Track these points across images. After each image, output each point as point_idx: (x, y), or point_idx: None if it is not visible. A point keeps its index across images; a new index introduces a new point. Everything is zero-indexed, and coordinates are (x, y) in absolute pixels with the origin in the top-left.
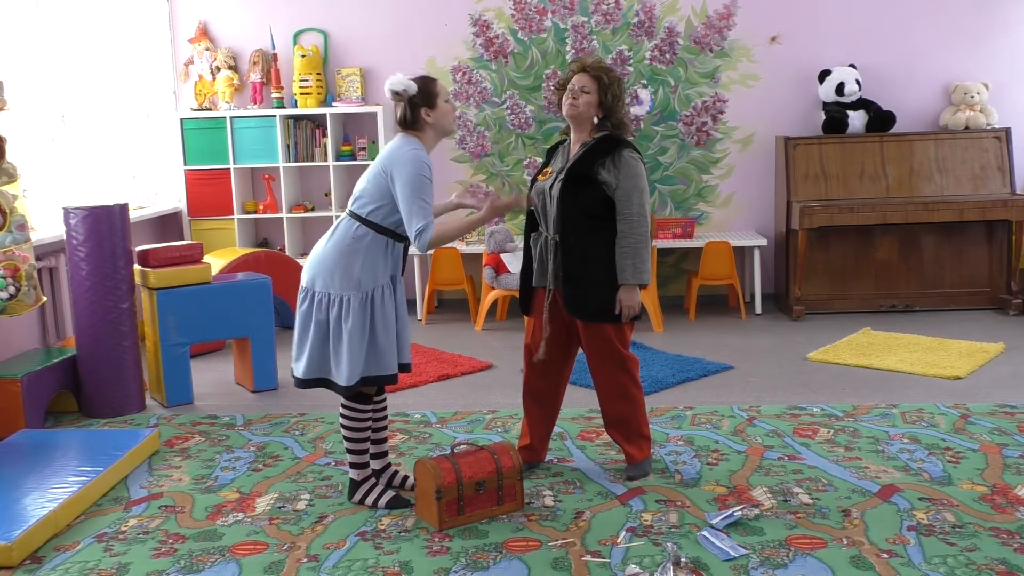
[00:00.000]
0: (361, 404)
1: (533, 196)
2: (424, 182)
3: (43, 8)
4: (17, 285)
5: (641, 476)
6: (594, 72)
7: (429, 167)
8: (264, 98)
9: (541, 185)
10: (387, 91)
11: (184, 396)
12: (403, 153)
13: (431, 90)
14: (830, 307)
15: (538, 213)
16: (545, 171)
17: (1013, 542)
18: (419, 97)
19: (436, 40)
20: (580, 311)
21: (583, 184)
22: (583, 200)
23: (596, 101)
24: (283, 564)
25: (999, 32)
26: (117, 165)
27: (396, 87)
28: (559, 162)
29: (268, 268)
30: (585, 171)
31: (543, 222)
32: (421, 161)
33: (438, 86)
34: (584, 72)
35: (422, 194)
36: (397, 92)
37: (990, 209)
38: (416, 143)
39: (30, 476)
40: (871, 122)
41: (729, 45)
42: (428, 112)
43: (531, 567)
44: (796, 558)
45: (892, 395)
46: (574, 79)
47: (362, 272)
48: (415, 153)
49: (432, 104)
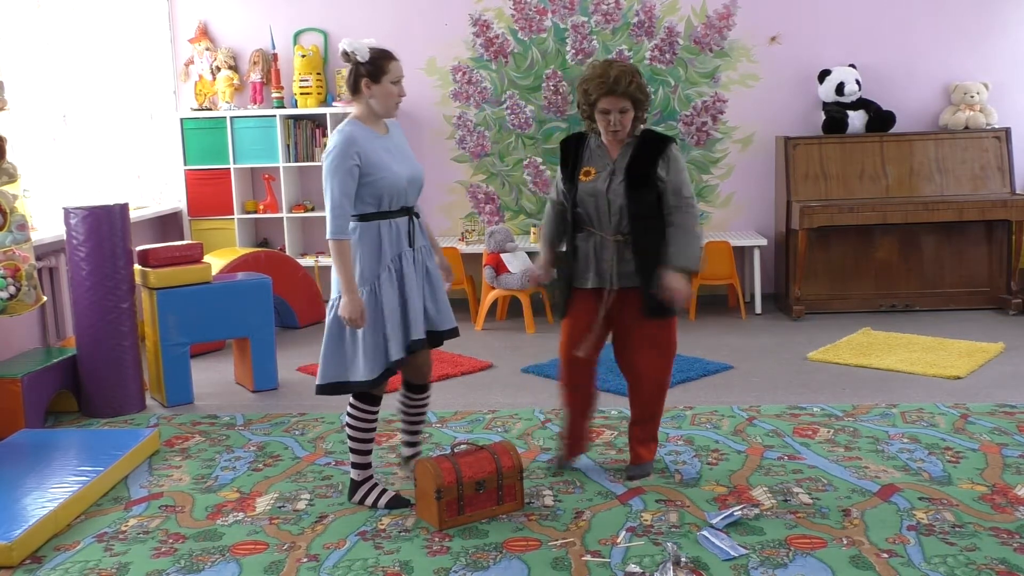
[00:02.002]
0: (366, 404)
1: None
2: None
3: (44, 8)
4: (17, 285)
5: (642, 477)
6: (626, 94)
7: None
8: (264, 98)
9: (590, 186)
10: (339, 49)
11: (184, 396)
12: (329, 141)
13: (380, 65)
14: (830, 307)
15: (586, 214)
16: (588, 171)
17: (1013, 542)
18: (365, 67)
19: (436, 40)
20: (655, 310)
21: (642, 183)
22: (645, 199)
23: (634, 114)
24: (283, 564)
25: (999, 32)
26: (118, 165)
27: (347, 47)
28: (598, 160)
29: (268, 268)
30: (646, 171)
31: (594, 223)
32: (342, 140)
33: (391, 65)
34: (615, 96)
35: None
36: (347, 53)
37: (990, 209)
38: (347, 123)
39: (30, 476)
40: (871, 122)
41: (729, 45)
42: (368, 84)
43: (531, 567)
44: (796, 558)
45: (892, 395)
46: (605, 102)
47: (364, 265)
48: (337, 142)
49: (375, 78)
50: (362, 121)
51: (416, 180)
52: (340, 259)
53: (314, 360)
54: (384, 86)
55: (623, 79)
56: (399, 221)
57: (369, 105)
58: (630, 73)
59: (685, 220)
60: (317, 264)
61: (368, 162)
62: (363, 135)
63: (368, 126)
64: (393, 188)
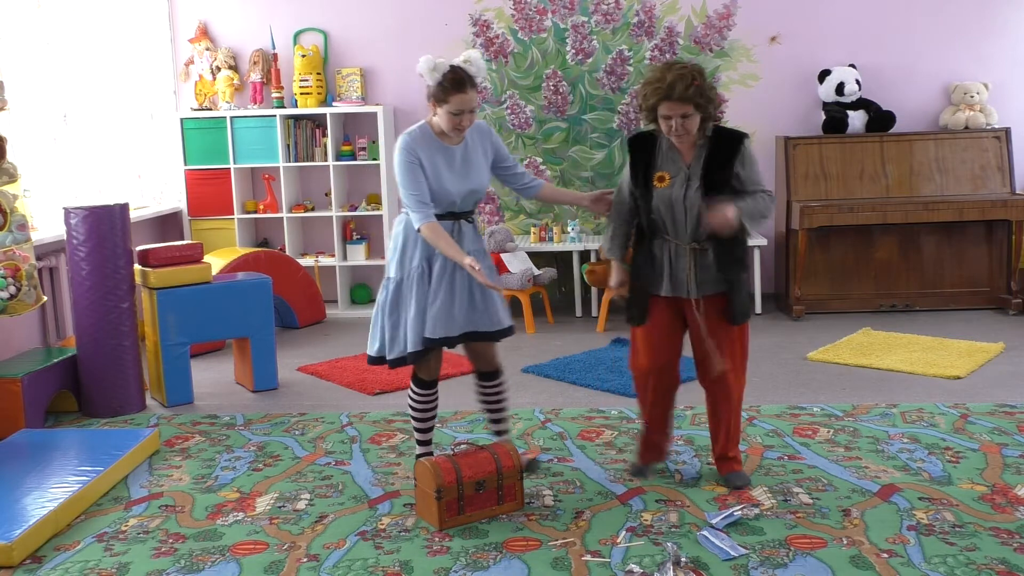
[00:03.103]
0: (418, 387)
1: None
2: (404, 171)
3: (44, 8)
4: (17, 285)
5: (747, 484)
6: (684, 99)
7: (408, 150)
8: (264, 98)
9: (666, 194)
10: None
11: (184, 396)
12: (398, 140)
13: (443, 95)
14: (830, 307)
15: (661, 221)
16: (662, 176)
17: (1013, 542)
18: (432, 88)
19: (436, 40)
20: (739, 316)
21: (720, 188)
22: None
23: (699, 118)
24: (283, 564)
25: (999, 32)
26: (118, 165)
27: (420, 68)
28: (671, 164)
29: (268, 268)
30: (724, 175)
31: (669, 230)
32: (401, 148)
33: (454, 97)
34: (672, 102)
35: (408, 184)
36: (421, 74)
37: (990, 209)
38: (418, 126)
39: (30, 476)
40: (871, 122)
41: (729, 45)
42: (433, 104)
43: (531, 567)
44: (796, 558)
45: (892, 395)
46: (664, 108)
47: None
48: (400, 143)
49: (439, 103)
50: (432, 128)
51: (473, 193)
52: (436, 239)
53: (313, 360)
54: (442, 114)
55: (679, 84)
56: (443, 224)
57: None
58: (689, 77)
59: (761, 193)
60: (317, 264)
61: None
62: (425, 143)
63: (435, 134)
64: (440, 198)
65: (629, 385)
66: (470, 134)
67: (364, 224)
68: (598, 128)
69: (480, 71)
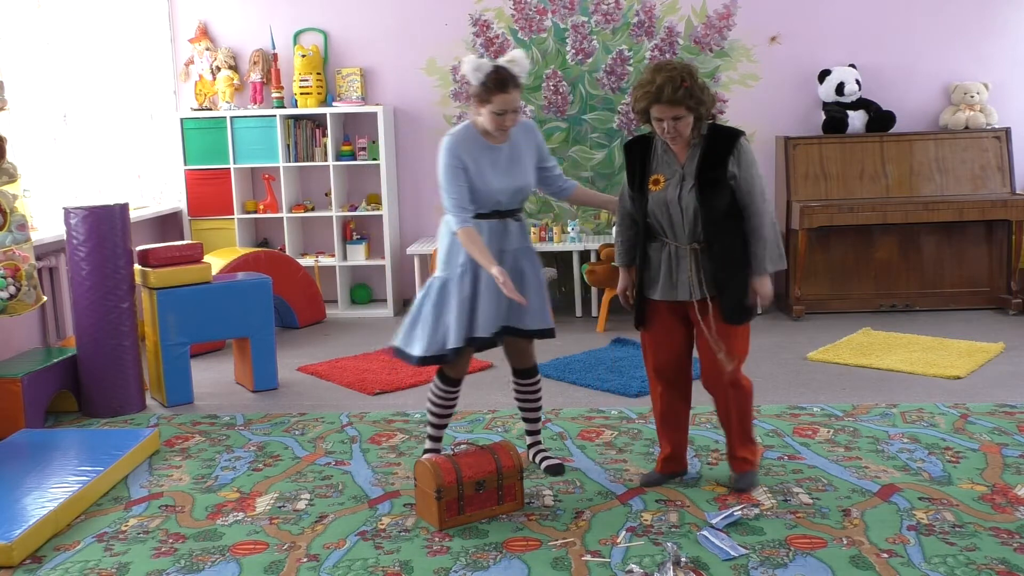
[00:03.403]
0: (442, 383)
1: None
2: (446, 173)
3: (44, 8)
4: (17, 285)
5: (751, 487)
6: (674, 101)
7: (451, 152)
8: (264, 98)
9: (661, 196)
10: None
11: (184, 396)
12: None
13: (486, 95)
14: (830, 307)
15: (658, 224)
16: (657, 179)
17: (1013, 542)
18: (475, 88)
19: (436, 40)
20: (734, 316)
21: (714, 186)
22: (719, 202)
23: (692, 119)
24: (283, 564)
25: (999, 32)
26: (118, 165)
27: (464, 68)
28: (666, 167)
29: (268, 268)
30: (718, 173)
31: (667, 233)
32: (444, 149)
33: (497, 98)
34: (663, 105)
35: (448, 186)
36: (464, 74)
37: (990, 209)
38: (463, 125)
39: (30, 476)
40: (871, 122)
41: (729, 45)
42: (476, 104)
43: (531, 567)
44: (796, 558)
45: (892, 395)
46: (655, 111)
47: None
48: (443, 144)
49: (482, 103)
50: (476, 127)
51: (519, 192)
52: (470, 244)
53: (313, 360)
54: (486, 114)
55: (668, 87)
56: (489, 223)
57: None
58: (679, 78)
59: (760, 221)
60: (317, 264)
61: (467, 169)
62: (469, 143)
63: (480, 133)
64: (485, 197)
65: (629, 385)
66: (516, 132)
67: (364, 224)
68: (598, 128)
69: (524, 70)
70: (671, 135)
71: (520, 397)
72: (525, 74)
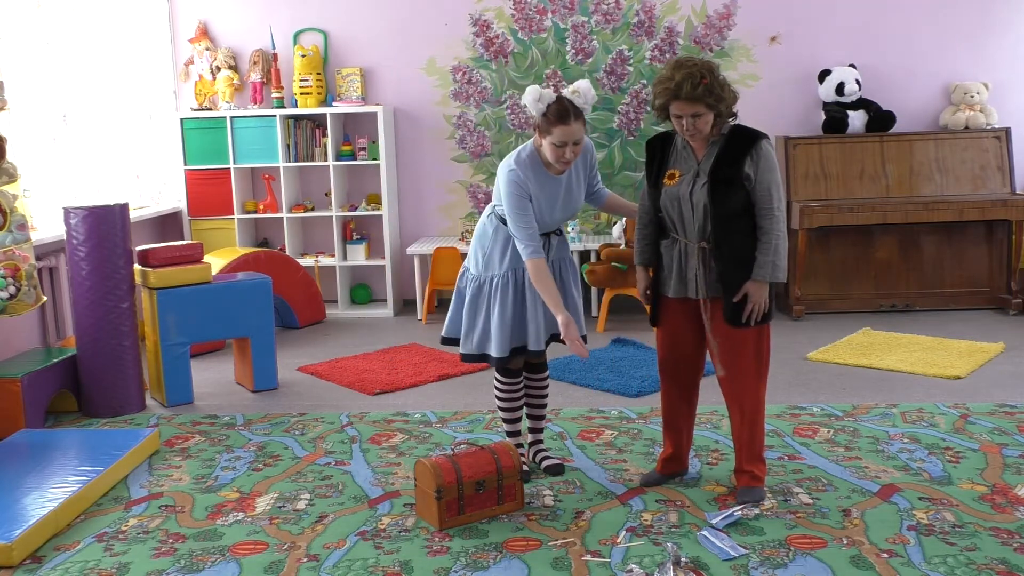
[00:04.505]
0: (503, 376)
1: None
2: (514, 205)
3: (44, 8)
4: (17, 285)
5: (757, 501)
6: (693, 99)
7: (519, 184)
8: (264, 98)
9: (674, 191)
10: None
11: (184, 396)
12: (501, 172)
13: (547, 126)
14: (830, 307)
15: (670, 220)
16: (672, 174)
17: (1013, 542)
18: (537, 118)
19: (436, 40)
20: (735, 318)
21: (728, 184)
22: (731, 202)
23: (712, 116)
24: (283, 564)
25: (999, 32)
26: (118, 165)
27: (524, 100)
28: (683, 163)
29: (268, 268)
30: (732, 172)
31: (678, 229)
32: (511, 182)
33: (556, 129)
34: (681, 102)
35: (517, 219)
36: (525, 104)
37: (990, 209)
38: (527, 154)
39: (30, 476)
40: (871, 122)
41: (729, 45)
42: (538, 136)
43: (531, 567)
44: (796, 558)
45: (892, 395)
46: (674, 108)
47: (491, 259)
48: (508, 176)
49: (543, 134)
50: (539, 154)
51: (569, 216)
52: (538, 278)
53: (313, 360)
54: (547, 145)
55: (687, 83)
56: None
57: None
58: (698, 75)
59: (771, 227)
60: (317, 264)
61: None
62: (531, 175)
63: (541, 160)
64: (543, 225)
65: (629, 385)
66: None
67: (364, 224)
68: (598, 128)
69: (588, 102)
70: (690, 132)
71: (529, 392)
72: (589, 106)
